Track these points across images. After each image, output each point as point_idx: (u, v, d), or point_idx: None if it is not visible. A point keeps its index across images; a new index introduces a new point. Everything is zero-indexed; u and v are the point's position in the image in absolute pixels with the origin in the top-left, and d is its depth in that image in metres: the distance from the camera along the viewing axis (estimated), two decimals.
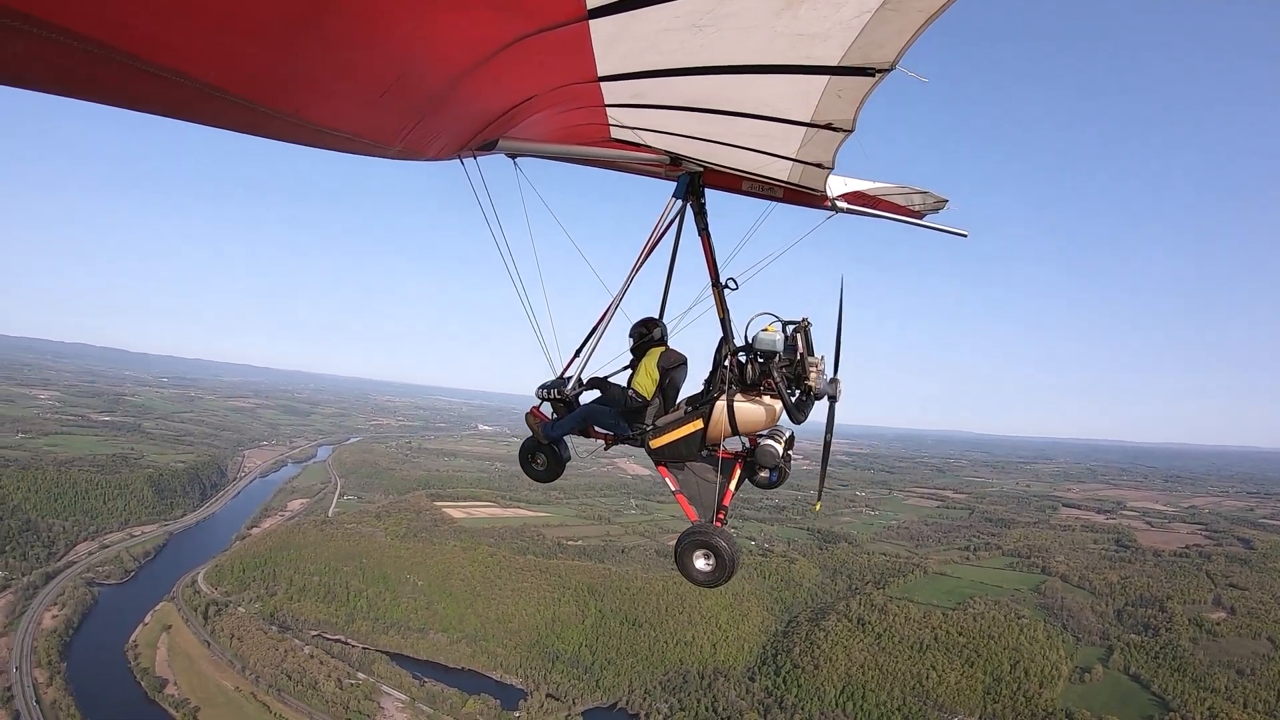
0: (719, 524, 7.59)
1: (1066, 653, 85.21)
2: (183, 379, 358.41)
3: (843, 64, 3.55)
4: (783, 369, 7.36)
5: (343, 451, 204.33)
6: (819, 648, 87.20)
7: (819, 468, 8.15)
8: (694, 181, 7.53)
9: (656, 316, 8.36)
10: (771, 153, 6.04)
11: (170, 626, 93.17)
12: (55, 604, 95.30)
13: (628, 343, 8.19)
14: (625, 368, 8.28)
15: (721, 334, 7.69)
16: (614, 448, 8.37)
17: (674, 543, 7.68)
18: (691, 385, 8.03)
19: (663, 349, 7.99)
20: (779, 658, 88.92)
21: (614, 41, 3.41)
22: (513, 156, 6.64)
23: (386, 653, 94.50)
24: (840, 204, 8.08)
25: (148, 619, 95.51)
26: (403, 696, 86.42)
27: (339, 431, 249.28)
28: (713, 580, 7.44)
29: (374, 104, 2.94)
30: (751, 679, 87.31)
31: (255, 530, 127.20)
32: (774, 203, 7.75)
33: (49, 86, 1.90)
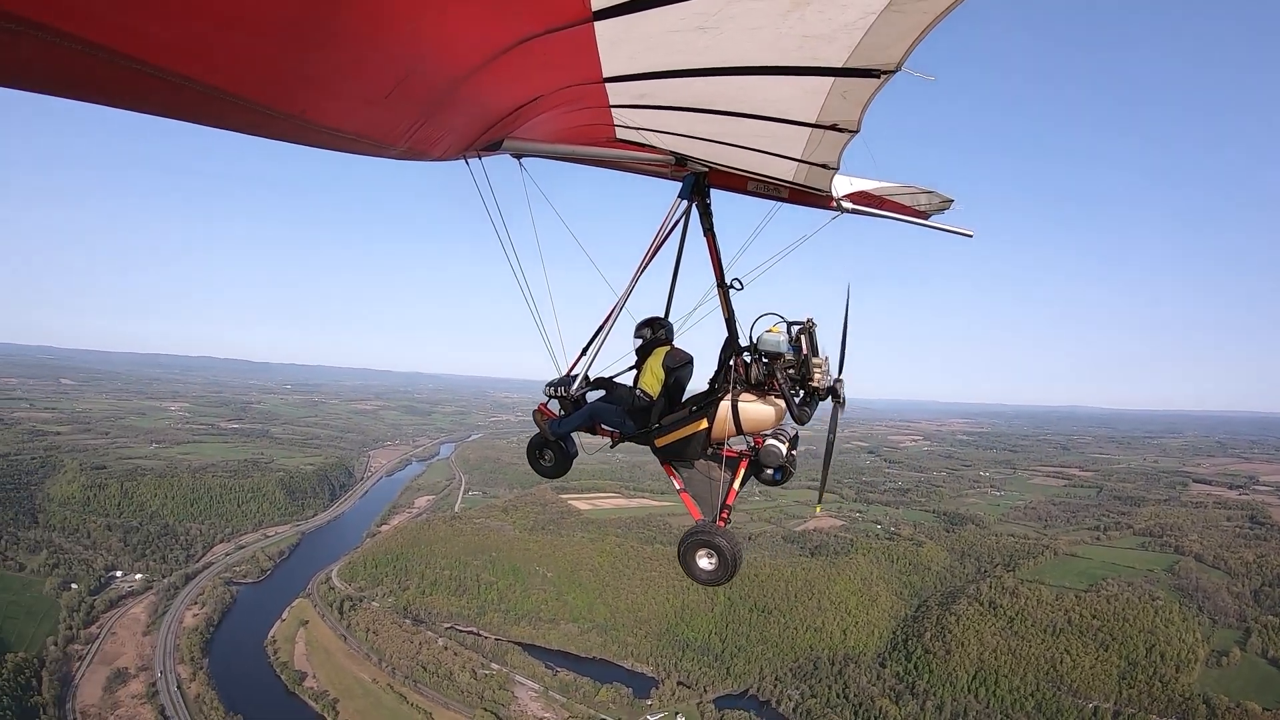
0: (721, 523, 7.03)
1: (1203, 635, 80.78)
2: (305, 385, 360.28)
3: (848, 65, 3.34)
4: (787, 370, 6.79)
5: (465, 448, 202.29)
6: (950, 632, 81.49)
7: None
8: (699, 182, 6.83)
9: (662, 316, 7.72)
10: (777, 153, 5.59)
11: (307, 622, 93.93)
12: (195, 603, 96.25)
13: (634, 342, 7.57)
14: (631, 368, 7.73)
15: (727, 334, 7.10)
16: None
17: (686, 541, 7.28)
18: (697, 384, 7.64)
19: (668, 348, 7.44)
20: (909, 643, 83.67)
21: (619, 43, 3.25)
22: (517, 156, 5.99)
23: (518, 643, 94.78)
24: (845, 204, 7.47)
25: (285, 615, 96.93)
26: (536, 686, 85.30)
27: (460, 429, 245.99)
28: (715, 579, 6.89)
29: (380, 104, 2.79)
30: (882, 665, 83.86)
31: (385, 527, 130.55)
32: (779, 203, 7.09)
33: (52, 90, 1.79)
